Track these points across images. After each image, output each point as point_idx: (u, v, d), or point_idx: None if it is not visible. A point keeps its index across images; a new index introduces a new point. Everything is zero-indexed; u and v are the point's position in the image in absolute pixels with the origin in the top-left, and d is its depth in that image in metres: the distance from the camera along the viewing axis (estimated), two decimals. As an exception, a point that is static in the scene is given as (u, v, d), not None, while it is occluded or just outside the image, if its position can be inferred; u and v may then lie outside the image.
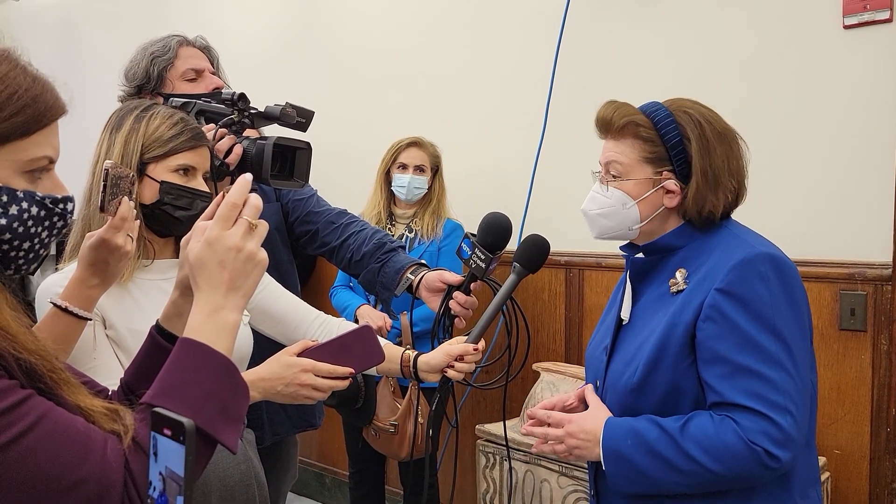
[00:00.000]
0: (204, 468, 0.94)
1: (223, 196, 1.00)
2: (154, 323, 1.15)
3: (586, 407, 1.51)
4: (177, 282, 1.11)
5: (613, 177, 1.48)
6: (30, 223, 0.94)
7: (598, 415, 1.45)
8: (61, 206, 0.97)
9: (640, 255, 1.52)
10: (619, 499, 1.47)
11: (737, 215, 1.54)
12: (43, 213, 0.95)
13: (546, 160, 2.96)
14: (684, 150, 1.43)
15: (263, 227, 1.01)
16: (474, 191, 3.15)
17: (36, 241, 0.96)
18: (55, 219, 0.97)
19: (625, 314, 1.53)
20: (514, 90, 3.11)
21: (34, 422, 0.83)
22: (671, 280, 1.44)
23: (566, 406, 1.57)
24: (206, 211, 1.04)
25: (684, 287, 1.41)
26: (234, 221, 0.98)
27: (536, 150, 2.97)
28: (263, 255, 1.00)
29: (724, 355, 1.32)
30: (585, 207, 1.53)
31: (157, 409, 0.77)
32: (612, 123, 1.47)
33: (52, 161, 0.97)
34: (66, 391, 0.91)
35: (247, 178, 1.00)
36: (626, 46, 2.78)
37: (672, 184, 1.44)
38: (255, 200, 1.00)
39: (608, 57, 2.82)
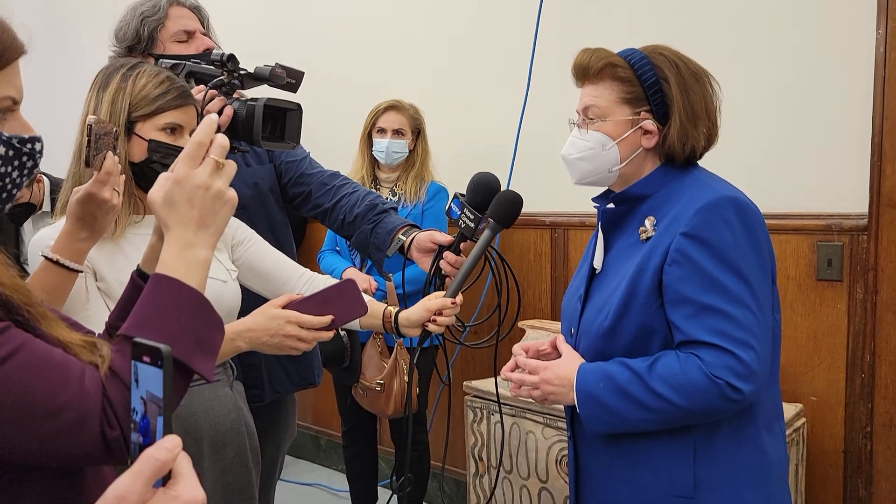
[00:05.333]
0: (182, 396, 0.98)
1: None
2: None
3: (559, 355, 1.56)
4: (155, 226, 1.15)
5: (591, 120, 1.51)
6: None
7: (571, 362, 1.50)
8: (29, 146, 0.97)
9: (611, 205, 1.56)
10: (595, 439, 1.53)
11: (716, 169, 1.57)
12: (11, 152, 0.95)
13: (530, 121, 3.00)
14: (661, 90, 1.47)
15: (231, 167, 1.02)
16: (459, 153, 3.18)
17: (7, 181, 0.96)
18: (24, 158, 0.97)
19: (597, 264, 1.57)
20: (497, 51, 3.13)
21: (12, 351, 0.85)
22: (640, 228, 1.48)
23: (541, 351, 1.63)
24: (179, 157, 1.04)
25: (653, 234, 1.45)
26: (201, 160, 0.99)
27: (520, 111, 3.00)
28: (232, 193, 1.01)
29: (690, 296, 1.36)
30: (565, 153, 1.56)
31: (136, 339, 0.79)
32: (589, 68, 1.51)
33: (15, 102, 0.96)
34: (44, 324, 0.93)
35: (212, 118, 1.01)
36: (608, 4, 2.80)
37: (650, 124, 1.48)
38: (222, 140, 1.01)
39: (591, 15, 2.84)
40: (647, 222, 1.48)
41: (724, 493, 1.40)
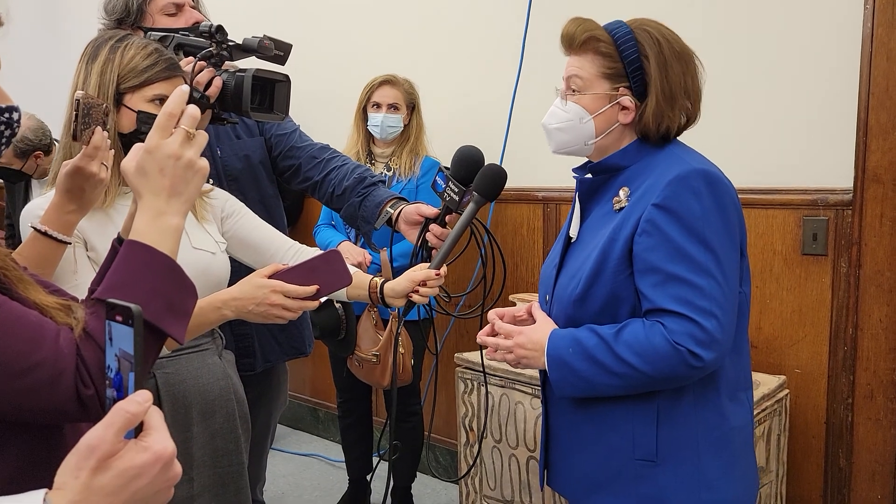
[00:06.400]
0: (156, 357, 1.02)
1: None
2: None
3: (534, 322, 1.60)
4: (133, 196, 1.19)
5: (573, 91, 1.54)
6: None
7: (544, 327, 1.54)
8: (6, 115, 0.99)
9: (589, 176, 1.59)
10: (564, 403, 1.57)
11: (702, 145, 1.58)
12: None
13: (523, 97, 3.02)
14: (641, 67, 1.48)
15: (202, 137, 1.05)
16: (454, 128, 3.20)
17: None
18: (2, 127, 0.99)
19: (573, 232, 1.60)
20: (491, 27, 3.14)
21: None
22: (615, 198, 1.51)
23: (516, 317, 1.67)
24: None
25: (626, 204, 1.48)
26: (171, 131, 1.02)
27: (513, 87, 3.02)
28: (203, 163, 1.04)
29: (657, 265, 1.39)
30: (545, 121, 1.59)
31: (109, 300, 0.83)
32: (574, 39, 1.52)
33: None
34: (20, 287, 0.95)
35: (183, 89, 1.04)
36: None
37: (627, 100, 1.50)
38: (193, 111, 1.03)
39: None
40: (621, 193, 1.51)
41: (684, 458, 1.44)
